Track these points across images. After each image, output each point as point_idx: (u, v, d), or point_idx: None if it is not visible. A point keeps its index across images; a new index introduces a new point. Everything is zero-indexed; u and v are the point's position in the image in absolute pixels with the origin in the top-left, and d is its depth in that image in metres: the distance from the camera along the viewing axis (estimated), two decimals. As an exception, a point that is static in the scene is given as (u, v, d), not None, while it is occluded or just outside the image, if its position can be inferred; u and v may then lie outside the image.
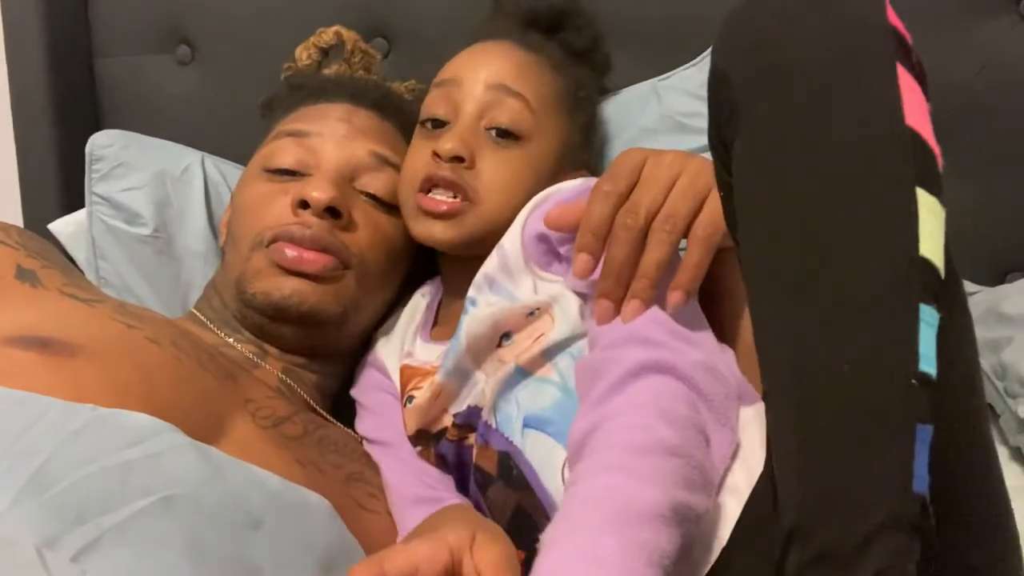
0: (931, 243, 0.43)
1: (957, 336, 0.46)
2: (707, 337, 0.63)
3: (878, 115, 0.44)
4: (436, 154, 0.75)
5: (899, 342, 0.41)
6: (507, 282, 0.70)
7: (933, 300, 0.42)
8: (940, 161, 0.45)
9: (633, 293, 0.61)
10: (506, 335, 0.69)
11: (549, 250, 0.69)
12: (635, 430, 0.53)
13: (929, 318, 0.42)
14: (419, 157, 0.77)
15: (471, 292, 0.71)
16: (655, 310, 0.61)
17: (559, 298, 0.67)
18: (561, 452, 0.62)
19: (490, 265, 0.70)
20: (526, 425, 0.65)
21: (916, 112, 0.45)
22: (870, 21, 0.45)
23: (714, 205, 0.61)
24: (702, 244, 0.61)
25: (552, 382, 0.66)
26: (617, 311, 0.61)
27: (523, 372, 0.67)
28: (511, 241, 0.70)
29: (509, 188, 0.75)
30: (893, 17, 0.46)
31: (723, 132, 0.50)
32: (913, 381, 0.41)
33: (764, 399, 0.47)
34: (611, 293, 0.61)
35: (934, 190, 0.44)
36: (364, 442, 0.78)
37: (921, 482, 0.40)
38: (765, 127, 0.46)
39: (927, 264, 0.42)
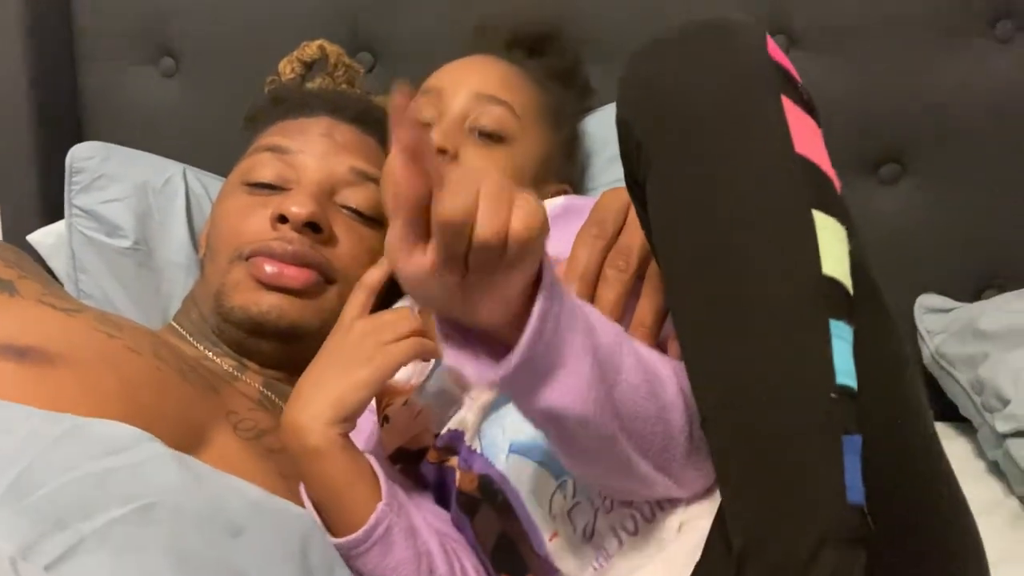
0: (834, 261, 0.45)
1: (879, 345, 0.47)
2: None
3: (768, 146, 0.46)
4: None
5: (814, 357, 0.43)
6: None
7: (844, 315, 0.44)
8: (837, 184, 0.48)
9: None
10: None
11: None
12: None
13: (842, 332, 0.44)
14: None
15: None
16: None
17: None
18: (551, 482, 0.62)
19: None
20: (512, 451, 0.64)
21: (806, 140, 0.47)
22: (753, 59, 0.48)
23: None
24: None
25: None
26: None
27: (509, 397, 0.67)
28: None
29: None
30: (775, 53, 0.49)
31: (636, 173, 0.51)
32: (833, 394, 0.42)
33: (702, 426, 0.48)
34: None
35: (831, 211, 0.46)
36: None
37: (855, 492, 0.41)
38: (668, 167, 0.49)
39: (832, 281, 0.44)
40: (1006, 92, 0.98)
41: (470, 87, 0.78)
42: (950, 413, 0.94)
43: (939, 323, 0.97)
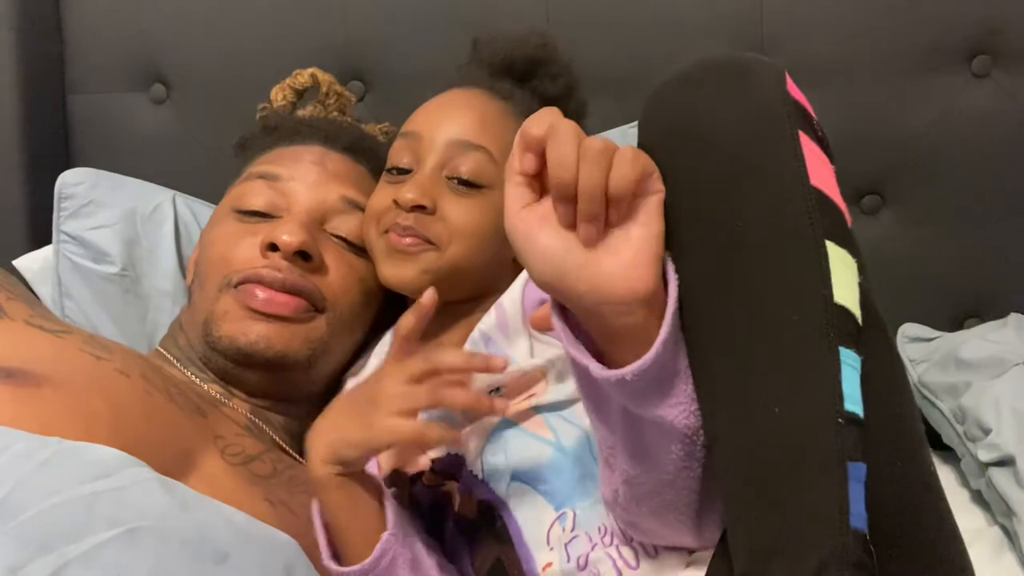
0: (845, 291, 0.46)
1: (885, 377, 0.48)
2: None
3: (784, 179, 0.48)
4: (397, 202, 0.74)
5: (823, 383, 0.44)
6: (504, 342, 0.69)
7: (853, 343, 0.45)
8: (848, 217, 0.49)
9: None
10: (496, 388, 0.69)
11: None
12: None
13: (850, 360, 0.44)
14: (382, 201, 0.77)
15: (466, 349, 0.70)
16: None
17: (556, 362, 0.66)
18: (550, 512, 0.62)
19: (487, 323, 0.70)
20: (514, 478, 0.65)
21: (820, 174, 0.48)
22: (772, 96, 0.49)
23: None
24: None
25: (546, 440, 0.65)
26: None
27: (510, 423, 0.67)
28: (511, 301, 0.70)
29: (472, 232, 0.74)
30: (794, 90, 0.50)
31: None
32: (840, 420, 0.43)
33: (709, 448, 0.48)
34: None
35: (843, 243, 0.47)
36: None
37: (858, 519, 0.42)
38: (686, 198, 0.50)
39: (843, 310, 0.45)
40: (982, 125, 1.01)
41: (447, 134, 0.77)
42: (934, 441, 0.95)
43: (921, 352, 0.98)
